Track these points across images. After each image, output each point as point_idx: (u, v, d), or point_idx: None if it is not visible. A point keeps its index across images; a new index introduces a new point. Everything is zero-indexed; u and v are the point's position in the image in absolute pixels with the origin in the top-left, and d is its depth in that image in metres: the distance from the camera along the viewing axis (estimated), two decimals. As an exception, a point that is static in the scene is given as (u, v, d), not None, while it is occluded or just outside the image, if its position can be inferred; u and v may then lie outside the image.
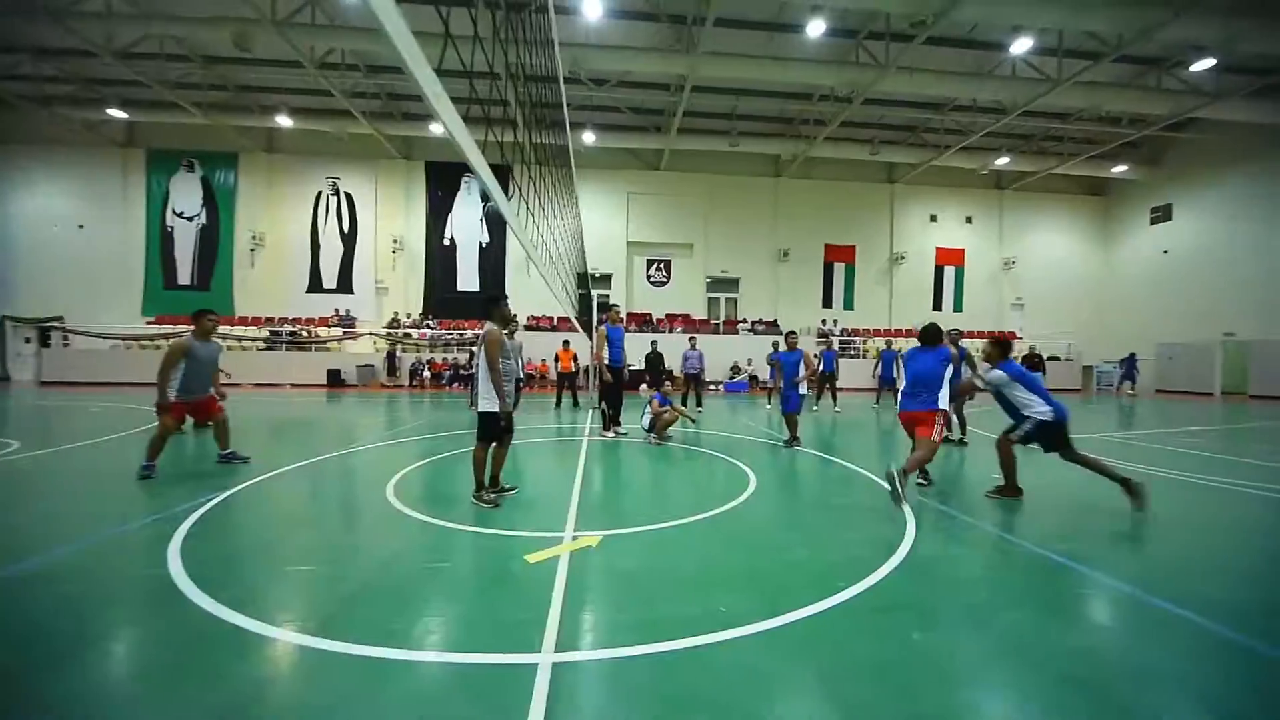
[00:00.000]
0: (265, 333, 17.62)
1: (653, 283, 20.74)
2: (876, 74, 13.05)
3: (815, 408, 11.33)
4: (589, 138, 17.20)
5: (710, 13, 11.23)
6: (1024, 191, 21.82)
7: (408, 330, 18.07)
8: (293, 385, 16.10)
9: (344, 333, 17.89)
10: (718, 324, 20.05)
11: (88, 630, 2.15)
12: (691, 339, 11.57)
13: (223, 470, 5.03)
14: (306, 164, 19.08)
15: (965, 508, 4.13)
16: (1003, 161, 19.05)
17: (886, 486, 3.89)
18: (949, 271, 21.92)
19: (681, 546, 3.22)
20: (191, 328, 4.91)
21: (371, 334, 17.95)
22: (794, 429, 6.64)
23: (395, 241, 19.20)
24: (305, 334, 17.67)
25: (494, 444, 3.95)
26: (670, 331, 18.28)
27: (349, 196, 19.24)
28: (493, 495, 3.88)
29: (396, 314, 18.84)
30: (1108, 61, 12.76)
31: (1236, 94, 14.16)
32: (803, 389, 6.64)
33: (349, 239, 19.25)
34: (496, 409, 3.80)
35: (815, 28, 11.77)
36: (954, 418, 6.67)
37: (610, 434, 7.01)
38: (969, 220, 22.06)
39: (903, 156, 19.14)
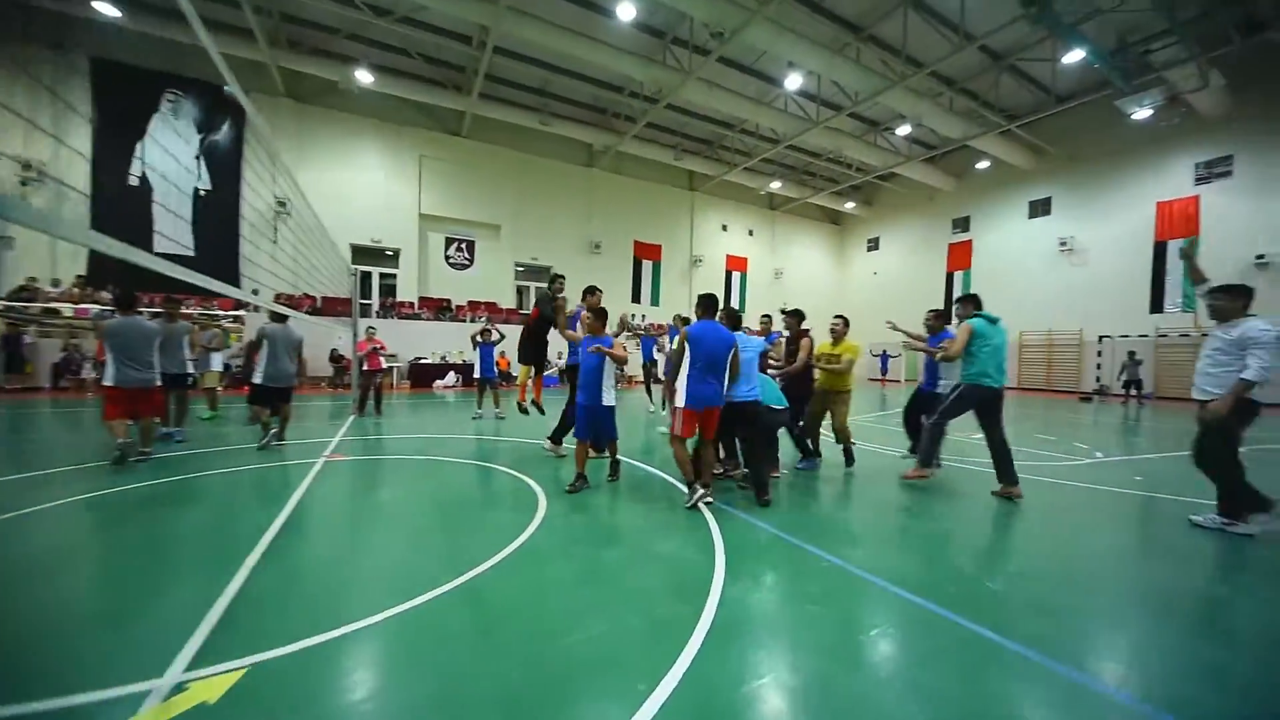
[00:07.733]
0: None
1: (453, 264, 18.36)
2: (680, 78, 13.56)
3: (653, 409, 10.15)
4: (365, 77, 14.04)
5: (515, -39, 9.95)
6: (789, 214, 26.07)
7: (53, 305, 12.15)
8: None
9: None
10: (526, 313, 18.80)
11: None
12: (489, 329, 10.18)
13: None
14: None
15: (810, 536, 3.99)
16: (775, 185, 22.28)
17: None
18: (736, 276, 24.88)
19: (398, 657, 2.01)
20: None
21: (-22, 306, 11.53)
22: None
23: (27, 169, 12.70)
24: None
25: None
26: (472, 320, 16.37)
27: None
28: None
29: (34, 280, 12.54)
30: (845, 114, 15.72)
31: (915, 159, 19.08)
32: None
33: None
34: None
35: (625, 11, 11.51)
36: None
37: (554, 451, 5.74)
38: (751, 233, 25.39)
39: (701, 167, 20.79)
